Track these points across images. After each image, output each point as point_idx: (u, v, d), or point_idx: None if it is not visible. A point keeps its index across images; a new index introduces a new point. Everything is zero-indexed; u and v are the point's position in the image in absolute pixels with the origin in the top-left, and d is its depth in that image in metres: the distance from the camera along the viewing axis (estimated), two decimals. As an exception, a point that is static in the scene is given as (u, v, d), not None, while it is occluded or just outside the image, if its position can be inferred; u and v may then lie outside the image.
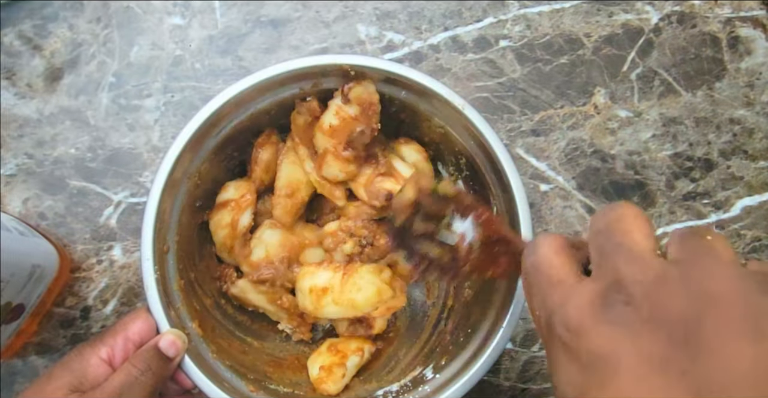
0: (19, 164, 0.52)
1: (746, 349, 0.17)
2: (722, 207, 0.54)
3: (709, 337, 0.18)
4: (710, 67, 0.56)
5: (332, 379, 0.43)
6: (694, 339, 0.18)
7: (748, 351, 0.17)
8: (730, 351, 0.17)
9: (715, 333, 0.18)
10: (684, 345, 0.18)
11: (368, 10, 0.56)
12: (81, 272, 0.51)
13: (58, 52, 0.55)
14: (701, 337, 0.18)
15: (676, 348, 0.18)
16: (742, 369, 0.17)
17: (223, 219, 0.45)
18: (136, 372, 0.35)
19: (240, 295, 0.46)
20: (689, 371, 0.17)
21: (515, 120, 0.55)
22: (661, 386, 0.18)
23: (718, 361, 0.17)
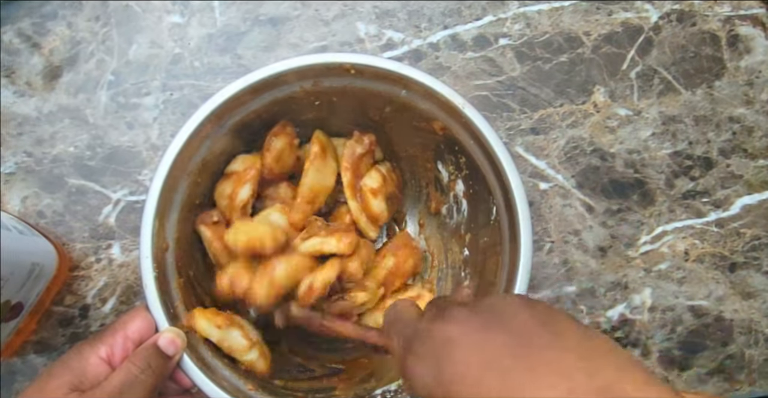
0: (18, 162, 0.52)
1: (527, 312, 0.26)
2: (722, 206, 0.54)
3: (507, 311, 0.27)
4: (710, 66, 0.56)
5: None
6: (498, 313, 0.27)
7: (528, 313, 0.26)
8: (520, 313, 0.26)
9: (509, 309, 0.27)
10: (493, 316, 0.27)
11: (367, 9, 0.56)
12: (80, 270, 0.51)
13: (57, 50, 0.54)
14: (503, 312, 0.27)
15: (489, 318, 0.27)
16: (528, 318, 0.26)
17: (225, 189, 0.46)
18: (136, 371, 0.35)
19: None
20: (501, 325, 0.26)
21: (515, 118, 0.55)
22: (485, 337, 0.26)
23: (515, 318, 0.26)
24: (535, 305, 0.27)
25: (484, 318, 0.27)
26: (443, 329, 0.27)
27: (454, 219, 0.49)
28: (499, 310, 0.27)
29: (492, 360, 0.24)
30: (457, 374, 0.25)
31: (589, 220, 0.54)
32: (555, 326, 0.25)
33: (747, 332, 0.53)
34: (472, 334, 0.26)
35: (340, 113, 0.47)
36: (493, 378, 0.24)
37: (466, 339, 0.26)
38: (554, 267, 0.53)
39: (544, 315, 0.26)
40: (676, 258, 0.53)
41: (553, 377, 0.23)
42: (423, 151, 0.49)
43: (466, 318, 0.27)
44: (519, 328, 0.25)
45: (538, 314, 0.26)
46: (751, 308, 0.53)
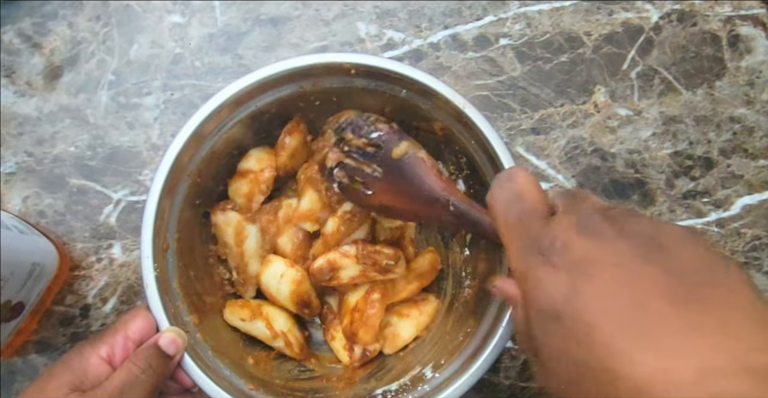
0: (19, 162, 0.52)
1: (695, 251, 0.23)
2: (722, 206, 0.54)
3: (668, 244, 0.23)
4: (710, 66, 0.56)
5: None
6: (657, 243, 0.23)
7: (697, 252, 0.23)
8: (686, 251, 0.22)
9: (672, 242, 0.23)
10: (650, 246, 0.23)
11: (368, 9, 0.56)
12: (81, 270, 0.51)
13: (58, 50, 0.55)
14: (663, 243, 0.23)
15: (645, 247, 0.23)
16: (696, 260, 0.22)
17: (241, 188, 0.47)
18: (137, 371, 0.35)
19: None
20: (659, 260, 0.22)
21: (515, 118, 0.55)
22: (637, 270, 0.22)
23: (680, 256, 0.22)
24: (703, 243, 0.23)
25: (641, 246, 0.23)
26: (587, 245, 0.23)
27: (455, 219, 0.49)
28: (660, 240, 0.23)
29: (646, 301, 0.21)
30: (598, 304, 0.22)
31: (589, 220, 0.54)
32: (728, 276, 0.22)
33: None
34: (624, 263, 0.22)
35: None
36: (643, 322, 0.20)
37: (617, 268, 0.22)
38: (555, 267, 0.53)
39: (716, 259, 0.22)
40: (677, 258, 0.53)
41: (720, 337, 0.19)
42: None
43: (614, 240, 0.23)
44: (684, 269, 0.22)
45: (709, 256, 0.22)
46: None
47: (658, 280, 0.21)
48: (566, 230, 0.24)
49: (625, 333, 0.21)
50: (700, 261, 0.22)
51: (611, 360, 0.21)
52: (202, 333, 0.41)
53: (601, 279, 0.22)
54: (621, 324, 0.21)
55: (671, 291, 0.21)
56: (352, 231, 0.44)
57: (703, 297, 0.20)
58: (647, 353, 0.20)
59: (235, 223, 0.45)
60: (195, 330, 0.41)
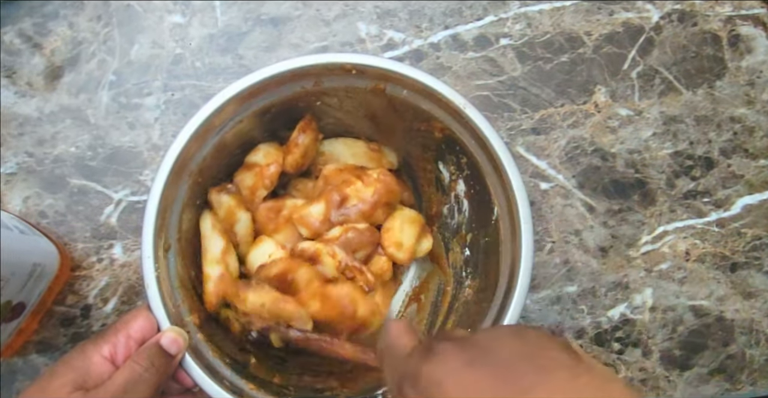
0: (20, 162, 0.52)
1: (514, 345, 0.26)
2: (723, 206, 0.54)
3: (492, 346, 0.27)
4: (711, 66, 0.56)
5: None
6: (484, 349, 0.27)
7: (515, 345, 0.26)
8: (505, 348, 0.26)
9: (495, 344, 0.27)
10: (479, 351, 0.26)
11: (369, 9, 0.56)
12: (81, 270, 0.51)
13: (59, 50, 0.55)
14: (488, 348, 0.26)
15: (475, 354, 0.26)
16: (515, 353, 0.26)
17: (246, 180, 0.47)
18: (140, 370, 0.35)
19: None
20: (486, 362, 0.26)
21: (516, 118, 0.55)
22: (472, 375, 0.25)
23: (500, 353, 0.26)
24: (525, 335, 0.27)
25: (470, 355, 0.26)
26: (430, 370, 0.27)
27: (455, 219, 0.49)
28: (486, 344, 0.27)
29: (485, 393, 0.24)
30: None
31: (590, 220, 0.54)
32: (543, 360, 0.25)
33: (748, 332, 0.53)
34: (457, 373, 0.26)
35: (340, 113, 0.48)
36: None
37: (452, 379, 0.26)
38: (555, 267, 0.53)
39: (534, 346, 0.26)
40: (677, 258, 0.54)
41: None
42: (424, 151, 0.49)
43: (452, 356, 0.27)
44: (504, 364, 0.25)
45: (527, 346, 0.26)
46: (752, 308, 0.53)
47: (487, 381, 0.25)
48: (416, 362, 0.28)
49: None
50: (519, 353, 0.25)
51: None
52: (202, 333, 0.41)
53: (448, 390, 0.25)
54: None
55: (496, 388, 0.24)
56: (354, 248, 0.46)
57: (523, 387, 0.24)
58: None
59: (227, 206, 0.46)
60: (196, 330, 0.41)
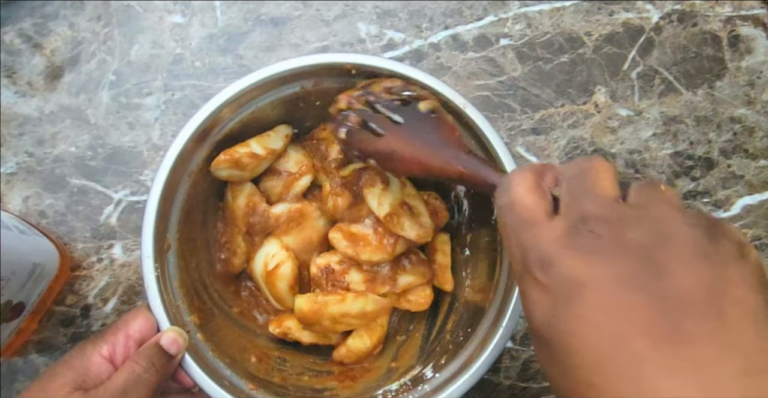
0: (20, 162, 0.52)
1: (695, 269, 0.20)
2: (723, 206, 0.54)
3: (667, 261, 0.20)
4: (711, 66, 0.56)
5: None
6: (654, 262, 0.20)
7: (697, 270, 0.20)
8: (683, 270, 0.20)
9: (672, 259, 0.20)
10: (645, 266, 0.20)
11: (369, 9, 0.56)
12: (81, 270, 0.51)
13: (59, 50, 0.55)
14: (660, 261, 0.20)
15: (638, 268, 0.20)
16: (690, 282, 0.20)
17: (275, 187, 0.47)
18: (140, 370, 0.35)
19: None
20: (649, 286, 0.20)
21: (516, 118, 0.55)
22: (623, 298, 0.20)
23: (674, 276, 0.20)
24: (715, 251, 0.21)
25: (635, 266, 0.20)
26: (573, 262, 0.21)
27: (455, 219, 0.49)
28: (658, 258, 0.20)
29: (627, 338, 0.19)
30: (579, 334, 0.20)
31: (590, 220, 0.54)
32: (729, 300, 0.19)
33: None
34: (609, 289, 0.20)
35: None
36: (620, 362, 0.19)
37: (603, 293, 0.20)
38: (555, 267, 0.53)
39: (722, 272, 0.20)
40: (677, 258, 0.53)
41: (692, 388, 0.18)
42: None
43: (606, 256, 0.21)
44: (675, 296, 0.19)
45: (714, 270, 0.20)
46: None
47: (645, 313, 0.19)
48: (554, 243, 0.23)
49: (601, 370, 0.20)
50: (699, 286, 0.20)
51: (586, 395, 0.20)
52: (202, 333, 0.41)
53: (584, 306, 0.21)
54: (598, 360, 0.20)
55: (656, 329, 0.19)
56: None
57: (690, 335, 0.19)
58: (614, 387, 0.19)
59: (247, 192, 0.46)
60: (196, 330, 0.41)
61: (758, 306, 0.19)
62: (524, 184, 0.26)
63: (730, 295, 0.19)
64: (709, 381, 0.18)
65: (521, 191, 0.26)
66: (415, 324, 0.49)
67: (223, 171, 0.44)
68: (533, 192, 0.26)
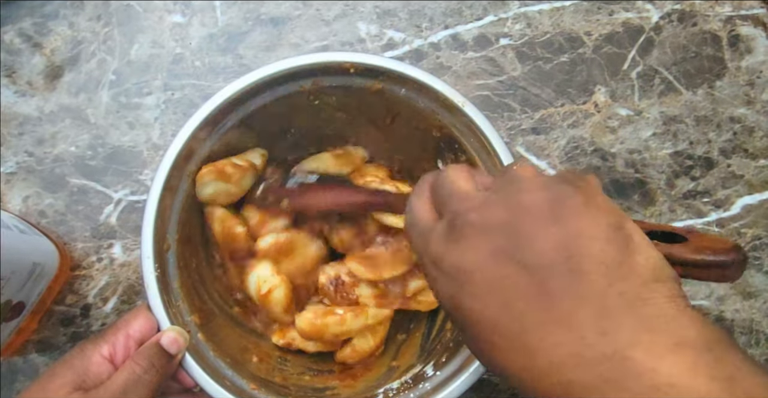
0: (20, 162, 0.52)
1: (548, 232, 0.23)
2: (722, 206, 0.54)
3: (525, 231, 0.23)
4: (711, 66, 0.56)
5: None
6: (515, 234, 0.23)
7: (551, 233, 0.23)
8: (540, 235, 0.23)
9: (529, 227, 0.23)
10: (509, 240, 0.23)
11: (369, 8, 0.56)
12: (81, 270, 0.51)
13: (59, 50, 0.55)
14: (520, 232, 0.23)
15: (504, 243, 0.24)
16: (547, 246, 0.23)
17: (254, 216, 0.47)
18: (140, 370, 0.35)
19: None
20: (516, 256, 0.23)
21: (516, 118, 0.55)
22: (499, 271, 0.23)
23: (533, 244, 0.23)
24: (562, 208, 0.24)
25: (499, 242, 0.24)
26: (454, 254, 0.25)
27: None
28: (515, 230, 0.24)
29: (507, 302, 0.23)
30: (474, 310, 0.24)
31: (589, 220, 0.54)
32: (582, 258, 0.22)
33: (748, 332, 0.53)
34: (487, 266, 0.24)
35: (339, 112, 0.48)
36: (508, 323, 0.22)
37: (480, 274, 0.24)
38: (555, 266, 0.53)
39: (570, 228, 0.23)
40: (677, 258, 0.53)
41: (560, 334, 0.21)
42: (423, 150, 0.49)
43: (479, 242, 0.24)
44: (537, 260, 0.23)
45: (563, 229, 0.23)
46: (752, 308, 0.53)
47: (518, 279, 0.23)
48: (438, 242, 0.26)
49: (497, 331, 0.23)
50: (554, 247, 0.23)
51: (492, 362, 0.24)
52: (203, 333, 0.41)
53: (473, 286, 0.24)
54: (493, 325, 0.23)
55: (528, 291, 0.22)
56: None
57: (553, 293, 0.22)
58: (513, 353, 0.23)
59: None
60: (196, 330, 0.41)
61: (605, 254, 0.22)
62: (419, 200, 0.31)
63: (579, 250, 0.22)
64: (571, 327, 0.21)
65: (418, 205, 0.30)
66: (416, 322, 0.49)
67: (209, 185, 0.43)
68: (424, 205, 0.30)
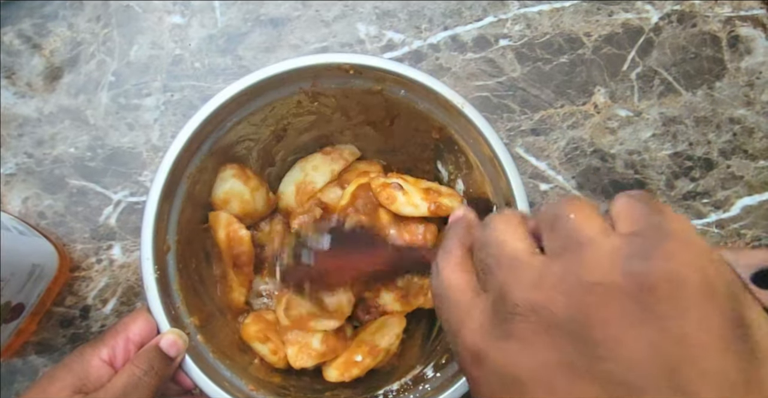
0: (19, 163, 0.52)
1: (639, 334, 0.17)
2: (722, 207, 0.54)
3: (600, 331, 0.17)
4: (710, 67, 0.56)
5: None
6: (587, 336, 0.17)
7: (642, 335, 0.16)
8: (624, 340, 0.17)
9: (606, 325, 0.17)
10: (580, 346, 0.17)
11: (368, 9, 0.56)
12: (80, 271, 0.51)
13: (58, 51, 0.54)
14: (593, 333, 0.17)
15: (573, 350, 0.17)
16: (640, 355, 0.16)
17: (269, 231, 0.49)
18: (140, 373, 0.35)
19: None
20: (591, 370, 0.17)
21: (515, 119, 0.55)
22: (567, 391, 0.17)
23: (615, 354, 0.17)
24: (656, 304, 0.16)
25: (566, 349, 0.17)
26: (507, 359, 0.19)
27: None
28: (590, 334, 0.17)
29: None
30: None
31: (589, 221, 0.54)
32: (690, 374, 0.16)
33: None
34: (548, 382, 0.18)
35: (338, 114, 0.48)
36: None
37: (543, 390, 0.18)
38: (555, 267, 0.53)
39: (673, 330, 0.16)
40: (677, 258, 0.53)
41: None
42: (423, 150, 0.49)
43: (540, 344, 0.18)
44: (624, 376, 0.16)
45: (663, 331, 0.16)
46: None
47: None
48: (480, 333, 0.20)
49: None
50: (648, 357, 0.16)
51: None
52: (202, 335, 0.41)
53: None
54: None
55: None
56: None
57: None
58: None
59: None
60: (196, 332, 0.41)
61: (722, 368, 0.16)
62: (449, 262, 0.23)
63: (689, 361, 0.16)
64: None
65: (447, 271, 0.23)
66: (416, 323, 0.49)
67: (228, 181, 0.45)
68: (457, 269, 0.23)
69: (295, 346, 0.43)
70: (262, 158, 0.49)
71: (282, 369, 0.45)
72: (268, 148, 0.49)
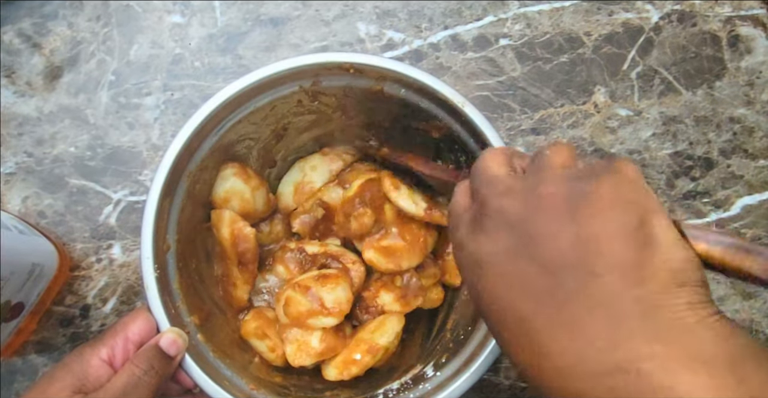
0: (19, 162, 0.52)
1: (565, 230, 0.22)
2: (722, 206, 0.54)
3: (540, 227, 0.23)
4: (710, 66, 0.56)
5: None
6: (531, 231, 0.23)
7: (567, 231, 0.22)
8: (555, 235, 0.22)
9: (544, 223, 0.23)
10: (525, 238, 0.23)
11: (368, 9, 0.56)
12: (80, 270, 0.51)
13: (58, 50, 0.54)
14: (535, 228, 0.23)
15: (519, 240, 0.23)
16: (564, 245, 0.22)
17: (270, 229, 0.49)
18: (139, 372, 0.35)
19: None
20: (531, 254, 0.23)
21: (515, 118, 0.55)
22: (512, 269, 0.23)
23: (548, 243, 0.22)
24: (581, 205, 0.22)
25: (513, 238, 0.23)
26: (474, 247, 0.25)
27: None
28: (529, 229, 0.23)
29: (517, 301, 0.23)
30: (486, 303, 0.24)
31: (589, 220, 0.54)
32: (597, 259, 0.21)
33: (748, 332, 0.53)
34: (499, 262, 0.24)
35: (338, 113, 0.48)
36: (517, 321, 0.22)
37: (494, 269, 0.24)
38: (555, 267, 0.53)
39: (588, 227, 0.22)
40: (677, 258, 0.53)
41: (568, 339, 0.20)
42: (423, 149, 0.49)
43: (496, 235, 0.24)
44: (550, 261, 0.22)
45: (581, 227, 0.22)
46: (751, 308, 0.53)
47: (529, 279, 0.22)
48: (464, 230, 0.27)
49: (505, 328, 0.23)
50: (570, 246, 0.22)
51: (505, 352, 0.24)
52: (203, 334, 0.41)
53: (486, 280, 0.24)
54: (500, 322, 0.24)
55: (538, 292, 0.22)
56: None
57: (563, 296, 0.21)
58: (520, 352, 0.23)
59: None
60: (196, 331, 0.41)
61: (622, 255, 0.21)
62: (462, 184, 0.31)
63: (597, 250, 0.21)
64: (580, 333, 0.20)
65: (458, 190, 0.31)
66: (416, 323, 0.49)
67: (229, 180, 0.45)
68: (463, 189, 0.30)
69: (294, 344, 0.43)
70: (263, 157, 0.49)
71: (282, 368, 0.45)
72: (269, 147, 0.49)
